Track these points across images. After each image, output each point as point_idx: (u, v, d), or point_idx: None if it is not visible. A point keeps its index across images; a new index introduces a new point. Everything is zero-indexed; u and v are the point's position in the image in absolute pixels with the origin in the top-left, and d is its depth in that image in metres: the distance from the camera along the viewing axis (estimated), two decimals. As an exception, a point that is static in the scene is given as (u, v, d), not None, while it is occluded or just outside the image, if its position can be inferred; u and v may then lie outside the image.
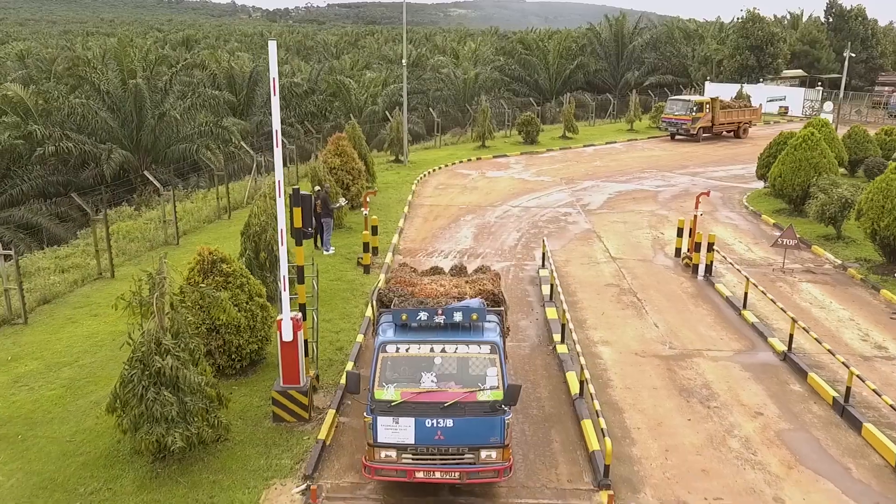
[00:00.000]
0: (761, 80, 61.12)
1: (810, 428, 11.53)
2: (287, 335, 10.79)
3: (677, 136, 43.35)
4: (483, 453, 9.13)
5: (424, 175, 31.62)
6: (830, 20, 71.46)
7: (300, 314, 11.29)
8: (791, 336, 13.98)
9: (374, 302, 10.73)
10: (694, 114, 42.03)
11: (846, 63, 49.14)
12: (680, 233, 20.20)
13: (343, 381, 12.46)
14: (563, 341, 14.16)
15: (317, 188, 19.84)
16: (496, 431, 9.10)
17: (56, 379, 12.68)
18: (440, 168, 33.56)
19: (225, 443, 10.52)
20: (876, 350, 14.42)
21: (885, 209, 18.10)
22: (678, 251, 20.20)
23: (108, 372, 12.73)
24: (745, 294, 16.34)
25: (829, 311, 16.42)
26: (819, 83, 59.46)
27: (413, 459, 9.19)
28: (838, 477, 10.25)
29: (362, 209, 19.77)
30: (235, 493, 9.50)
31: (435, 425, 9.09)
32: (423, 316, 9.46)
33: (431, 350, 9.32)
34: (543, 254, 18.91)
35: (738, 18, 65.61)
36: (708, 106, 42.56)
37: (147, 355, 9.38)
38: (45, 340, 14.36)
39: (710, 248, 18.67)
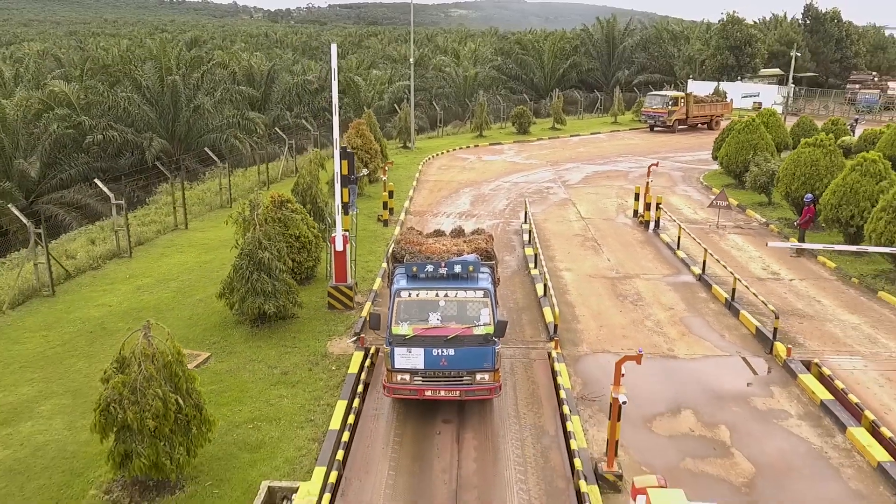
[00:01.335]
0: (739, 78, 65.87)
1: (705, 316, 16.36)
2: (339, 246, 15.63)
3: (656, 128, 48.14)
4: (478, 376, 11.18)
5: (429, 158, 36.47)
6: (807, 22, 76.13)
7: (347, 233, 16.09)
8: (704, 262, 18.82)
9: (389, 258, 14.15)
10: (670, 107, 46.85)
11: (793, 61, 53.94)
12: (637, 197, 25.03)
13: (374, 286, 17.34)
14: (535, 267, 18.95)
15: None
16: (488, 359, 11.17)
17: (166, 288, 17.51)
18: (442, 153, 38.41)
19: (297, 319, 15.35)
20: (770, 275, 19.24)
21: (795, 176, 22.94)
22: (636, 212, 25.01)
23: (203, 284, 17.56)
24: (679, 238, 21.22)
25: (744, 252, 21.25)
26: (791, 81, 64.15)
27: (423, 381, 11.24)
28: (715, 339, 15.09)
29: (381, 176, 24.63)
30: (309, 342, 14.35)
31: (440, 354, 11.10)
32: (429, 268, 11.54)
33: (436, 295, 11.37)
34: (525, 212, 23.69)
35: (720, 21, 70.29)
36: (682, 100, 47.40)
37: (252, 250, 14.22)
38: (149, 266, 19.20)
39: (658, 207, 23.52)
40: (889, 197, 17.85)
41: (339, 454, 10.45)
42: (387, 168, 24.71)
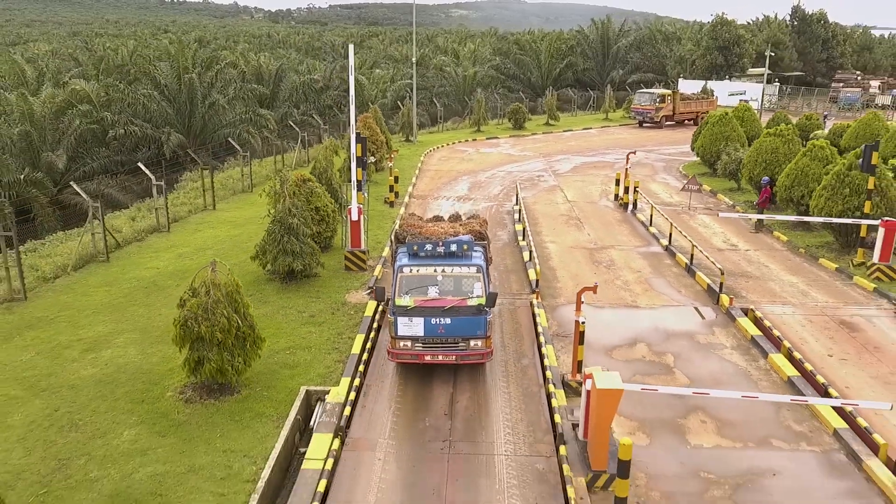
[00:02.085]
0: (728, 77, 68.63)
1: (667, 277, 19.12)
2: (354, 216, 18.40)
3: (644, 124, 50.88)
4: (471, 342, 12.47)
5: (430, 150, 39.26)
6: (795, 24, 78.84)
7: (361, 206, 18.83)
8: (670, 236, 21.60)
9: (393, 239, 16.63)
10: (657, 104, 49.62)
11: (767, 61, 56.77)
12: (618, 182, 27.80)
13: (383, 254, 20.10)
14: (524, 239, 21.69)
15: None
16: (481, 327, 12.43)
17: (203, 255, 20.24)
18: (443, 146, 41.20)
19: (319, 278, 18.11)
20: (729, 247, 22.00)
21: (757, 162, 25.72)
22: (617, 196, 27.76)
23: (235, 252, 20.29)
24: (651, 216, 23.98)
25: (709, 229, 24.01)
26: (776, 80, 66.97)
27: (423, 347, 12.54)
28: (672, 294, 17.85)
29: (388, 163, 27.36)
30: (331, 294, 17.12)
31: (438, 323, 12.35)
32: (429, 247, 12.83)
33: (435, 271, 12.63)
34: (517, 196, 26.41)
35: (709, 22, 73.06)
36: (669, 98, 50.17)
37: (283, 217, 16.98)
38: (186, 239, 21.98)
39: (635, 191, 26.28)
40: (829, 178, 20.59)
41: (361, 368, 13.21)
42: (392, 156, 27.46)
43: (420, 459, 10.79)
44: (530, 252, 19.50)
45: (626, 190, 26.62)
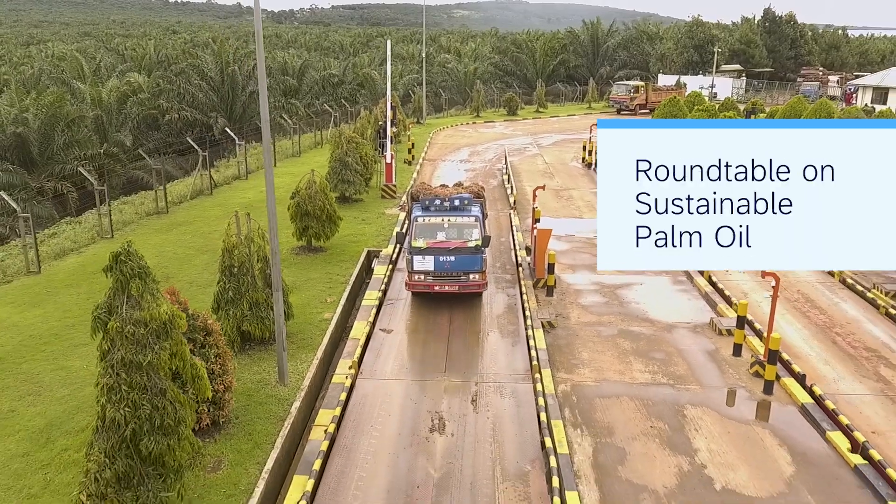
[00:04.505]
0: (701, 72, 76.58)
1: (607, 204, 27.10)
2: (388, 160, 26.43)
3: (622, 112, 58.82)
4: (471, 276, 15.70)
5: (437, 130, 47.31)
6: (766, 24, 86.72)
7: (394, 153, 26.81)
8: (616, 179, 29.57)
9: (409, 198, 23.74)
10: (632, 94, 57.61)
11: (715, 57, 64.88)
12: (584, 148, 35.82)
13: (407, 189, 28.09)
14: (509, 182, 29.65)
15: (380, 122, 35.37)
16: (478, 263, 15.68)
17: (277, 191, 28.05)
18: (448, 127, 49.27)
19: (363, 202, 26.12)
20: (659, 189, 29.97)
21: (688, 131, 33.70)
22: (583, 159, 35.77)
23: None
24: (605, 169, 31.98)
25: (649, 179, 31.97)
26: (743, 74, 74.92)
27: (433, 279, 15.83)
28: (608, 212, 25.82)
29: (406, 132, 35.41)
30: (374, 209, 25.17)
31: (445, 260, 15.57)
32: (437, 202, 16.32)
33: (442, 220, 16.03)
34: (505, 158, 34.40)
35: (685, 23, 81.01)
36: (643, 89, 58.15)
37: (342, 157, 24.99)
38: (262, 182, 29.94)
39: (596, 153, 34.28)
40: (728, 136, 28.55)
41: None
42: (409, 126, 35.50)
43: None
44: (512, 188, 27.52)
45: (590, 153, 34.62)
